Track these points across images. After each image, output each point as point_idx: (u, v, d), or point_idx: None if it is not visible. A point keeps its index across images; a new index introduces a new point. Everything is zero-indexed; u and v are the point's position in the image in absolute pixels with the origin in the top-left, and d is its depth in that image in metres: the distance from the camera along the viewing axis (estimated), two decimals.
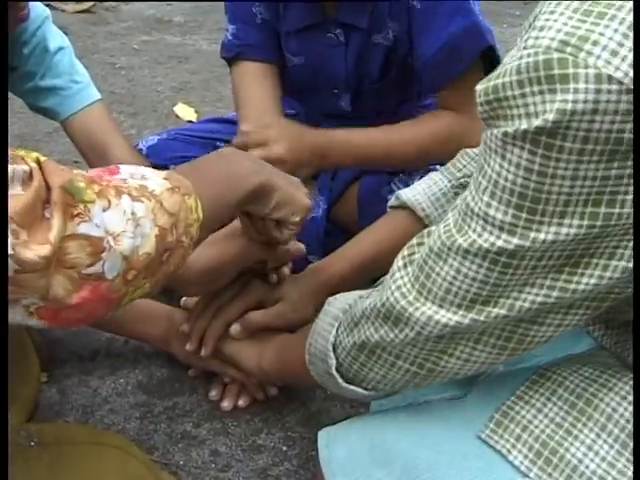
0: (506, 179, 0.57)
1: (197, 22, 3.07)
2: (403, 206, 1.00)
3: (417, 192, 0.99)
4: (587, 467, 0.64)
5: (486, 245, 0.59)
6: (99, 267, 0.57)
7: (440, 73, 1.18)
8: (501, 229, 0.58)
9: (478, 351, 0.66)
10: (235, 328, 0.99)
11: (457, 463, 0.67)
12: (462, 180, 0.97)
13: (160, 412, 1.08)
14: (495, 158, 0.58)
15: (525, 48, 0.54)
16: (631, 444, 0.64)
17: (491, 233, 0.59)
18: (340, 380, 0.76)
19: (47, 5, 3.32)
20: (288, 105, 1.44)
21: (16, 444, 0.76)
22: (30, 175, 0.54)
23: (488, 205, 0.59)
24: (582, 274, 0.59)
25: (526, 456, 0.66)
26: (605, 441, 0.65)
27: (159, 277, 0.65)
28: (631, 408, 0.66)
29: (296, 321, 1.00)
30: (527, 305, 0.61)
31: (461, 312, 0.63)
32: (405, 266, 0.68)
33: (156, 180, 0.65)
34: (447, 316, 0.63)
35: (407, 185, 1.09)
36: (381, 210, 1.07)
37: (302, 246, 1.03)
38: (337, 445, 0.75)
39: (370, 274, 1.05)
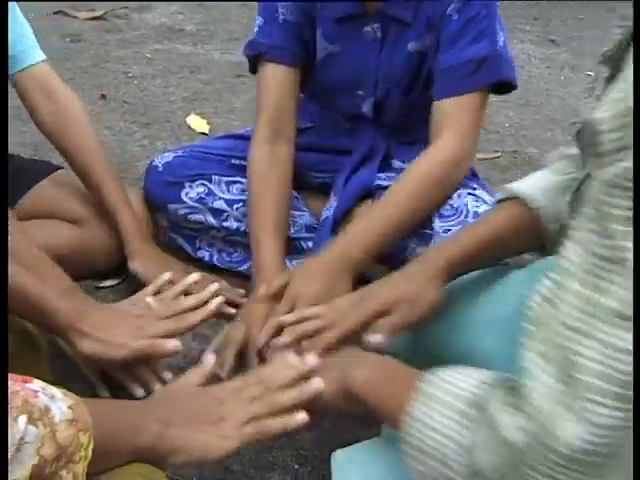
0: None
1: (209, 31, 3.08)
2: (511, 198, 1.00)
3: (527, 185, 0.99)
4: None
5: None
6: None
7: (451, 83, 1.22)
8: None
9: None
10: (375, 338, 0.93)
11: None
12: (571, 176, 0.96)
13: None
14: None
15: None
16: None
17: None
18: None
19: (59, 12, 3.32)
20: (307, 117, 1.43)
21: None
22: None
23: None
24: None
25: None
26: None
27: None
28: None
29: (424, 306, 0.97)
30: None
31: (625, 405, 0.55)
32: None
33: (61, 405, 0.64)
34: (614, 415, 0.55)
35: None
36: None
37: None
38: (351, 469, 0.76)
39: (483, 261, 1.04)
